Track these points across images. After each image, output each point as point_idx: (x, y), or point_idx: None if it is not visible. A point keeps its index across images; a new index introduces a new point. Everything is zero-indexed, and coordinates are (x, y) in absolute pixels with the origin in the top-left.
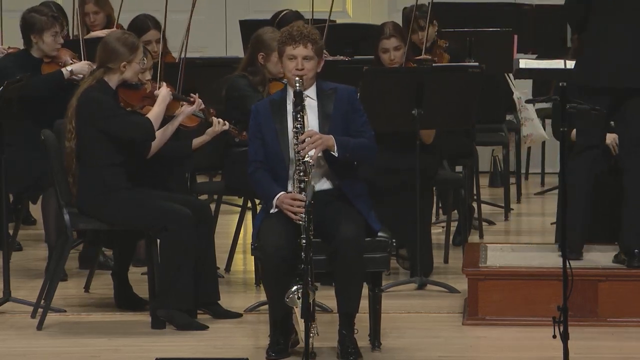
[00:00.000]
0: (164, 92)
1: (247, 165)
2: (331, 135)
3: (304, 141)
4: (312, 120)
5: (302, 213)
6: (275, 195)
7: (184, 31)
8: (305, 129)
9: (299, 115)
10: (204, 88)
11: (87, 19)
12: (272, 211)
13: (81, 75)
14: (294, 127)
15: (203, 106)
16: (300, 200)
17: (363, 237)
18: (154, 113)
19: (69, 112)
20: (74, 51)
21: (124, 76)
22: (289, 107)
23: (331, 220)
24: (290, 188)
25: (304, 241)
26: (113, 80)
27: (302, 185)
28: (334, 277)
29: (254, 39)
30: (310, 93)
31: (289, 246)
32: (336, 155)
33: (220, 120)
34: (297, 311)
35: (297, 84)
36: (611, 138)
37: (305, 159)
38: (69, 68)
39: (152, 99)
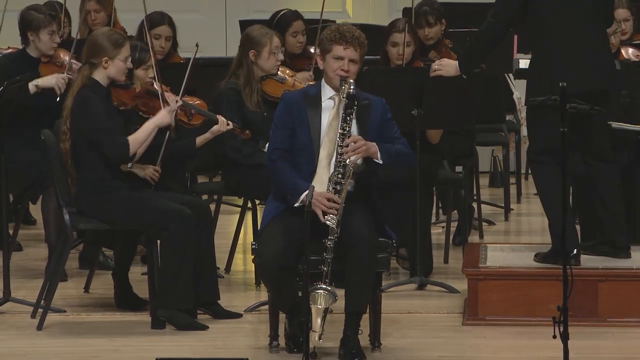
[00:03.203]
0: (159, 120)
1: (268, 151)
2: (374, 143)
3: (347, 145)
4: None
5: (334, 215)
6: (304, 191)
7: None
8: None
9: (348, 118)
10: (204, 88)
11: (88, 17)
12: (296, 205)
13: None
14: (340, 128)
15: (181, 103)
16: (335, 202)
17: (377, 237)
18: (136, 138)
19: (64, 113)
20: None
21: (108, 73)
22: (324, 104)
23: (345, 221)
24: (315, 185)
25: (329, 243)
26: (101, 77)
27: (337, 187)
28: (345, 275)
29: (243, 38)
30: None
31: (288, 252)
32: (380, 163)
33: (224, 119)
34: (315, 310)
35: (351, 87)
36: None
37: (347, 162)
38: (35, 82)
39: (143, 98)
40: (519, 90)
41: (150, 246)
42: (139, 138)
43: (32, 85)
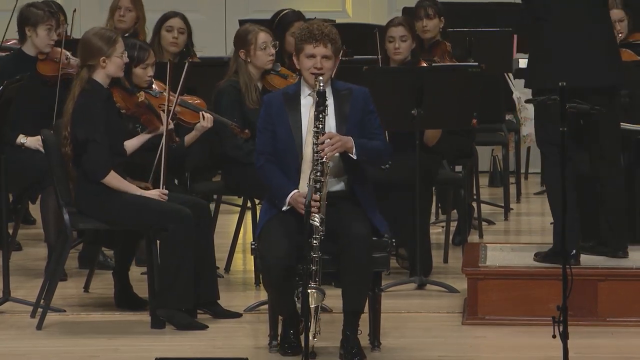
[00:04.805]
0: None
1: (255, 156)
2: (350, 137)
3: (323, 142)
4: (329, 119)
5: (316, 213)
6: (289, 194)
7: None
8: (325, 129)
9: (320, 116)
10: (204, 87)
11: (117, 13)
12: (284, 208)
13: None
14: (314, 127)
15: (172, 127)
16: (315, 201)
17: (371, 236)
18: (115, 179)
19: (64, 117)
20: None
21: (107, 71)
22: (303, 101)
23: (338, 220)
24: (302, 184)
25: (315, 241)
26: (101, 77)
27: (317, 185)
28: (341, 275)
29: (233, 39)
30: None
31: (290, 252)
32: (355, 158)
33: (208, 115)
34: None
35: (320, 84)
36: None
37: (324, 160)
38: (22, 140)
39: (143, 110)
40: (518, 90)
41: (150, 246)
42: (114, 182)
43: (19, 141)
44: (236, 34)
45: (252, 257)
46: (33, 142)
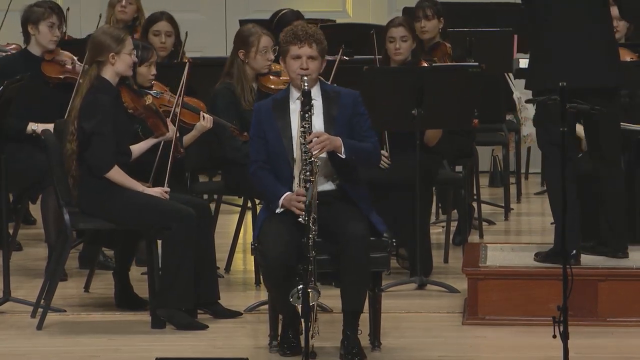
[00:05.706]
0: (151, 191)
1: (249, 164)
2: (339, 137)
3: (311, 141)
4: (316, 121)
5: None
6: (282, 195)
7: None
8: (312, 129)
9: (307, 115)
10: (203, 88)
11: (118, 5)
12: (278, 211)
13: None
14: (301, 126)
15: (178, 135)
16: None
17: (369, 235)
18: (118, 174)
19: (72, 113)
20: (74, 52)
21: (116, 69)
22: (292, 106)
23: (336, 220)
24: (295, 187)
25: (309, 241)
26: (110, 75)
27: (307, 185)
28: (340, 275)
29: (234, 37)
30: (314, 93)
31: (290, 250)
32: (343, 157)
33: (209, 116)
34: (300, 309)
35: (305, 84)
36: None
37: (312, 159)
38: (34, 127)
39: (150, 113)
40: (519, 90)
41: (151, 246)
42: (116, 177)
43: (30, 128)
44: (238, 33)
45: (252, 257)
46: (43, 128)
